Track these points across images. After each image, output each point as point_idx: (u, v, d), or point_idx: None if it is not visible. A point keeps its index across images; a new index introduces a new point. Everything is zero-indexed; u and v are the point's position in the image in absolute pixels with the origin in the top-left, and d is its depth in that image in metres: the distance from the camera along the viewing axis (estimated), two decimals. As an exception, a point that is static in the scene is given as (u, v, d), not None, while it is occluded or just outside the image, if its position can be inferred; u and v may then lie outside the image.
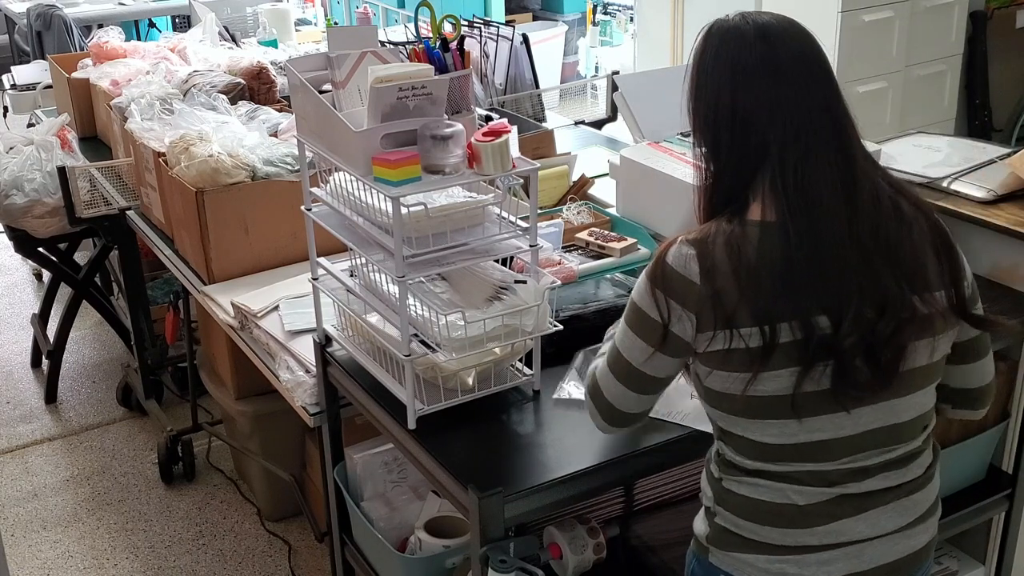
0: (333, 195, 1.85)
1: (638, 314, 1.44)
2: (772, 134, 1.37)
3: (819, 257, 1.34)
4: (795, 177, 1.36)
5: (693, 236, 1.40)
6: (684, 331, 1.40)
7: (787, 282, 1.34)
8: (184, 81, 3.33)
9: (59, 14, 5.82)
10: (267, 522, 3.16)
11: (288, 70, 1.88)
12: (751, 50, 1.40)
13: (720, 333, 1.36)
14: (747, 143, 1.39)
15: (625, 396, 1.51)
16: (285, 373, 2.19)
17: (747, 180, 1.40)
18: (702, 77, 1.44)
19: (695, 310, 1.37)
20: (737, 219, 1.39)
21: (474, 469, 1.64)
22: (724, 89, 1.40)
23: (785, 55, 1.40)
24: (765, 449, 1.41)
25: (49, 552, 3.10)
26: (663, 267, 1.40)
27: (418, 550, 2.02)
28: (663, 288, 1.40)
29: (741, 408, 1.40)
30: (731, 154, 1.41)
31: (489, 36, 3.62)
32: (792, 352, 1.34)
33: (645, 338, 1.44)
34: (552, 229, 2.23)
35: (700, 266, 1.37)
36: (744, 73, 1.39)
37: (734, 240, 1.37)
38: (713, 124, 1.42)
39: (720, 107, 1.40)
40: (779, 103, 1.38)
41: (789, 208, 1.35)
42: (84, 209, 3.24)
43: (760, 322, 1.34)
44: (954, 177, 2.34)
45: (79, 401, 3.91)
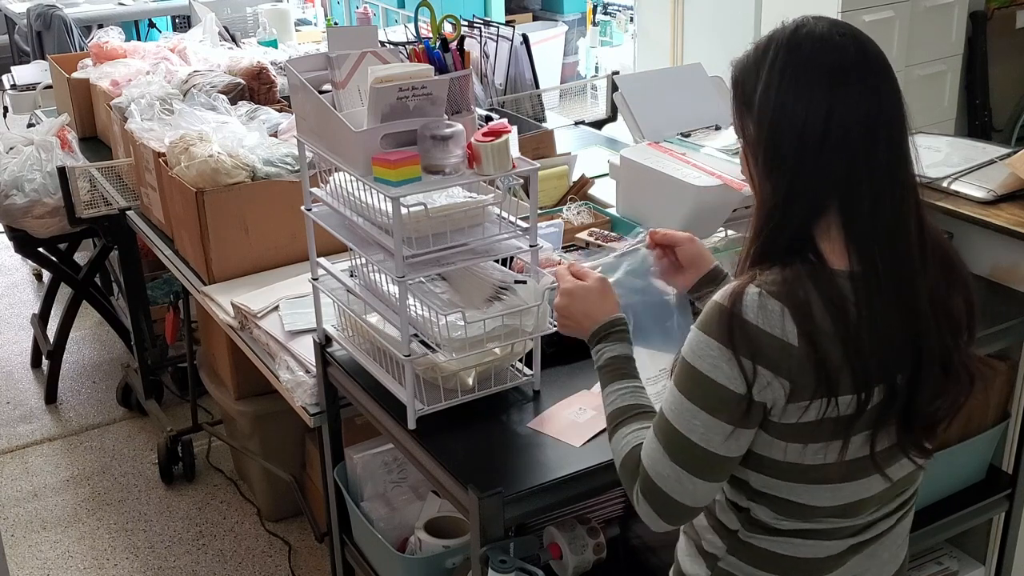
0: (333, 195, 1.85)
1: (709, 387, 1.21)
2: (868, 161, 1.19)
3: (906, 315, 1.22)
4: (885, 217, 1.20)
5: (772, 286, 1.19)
6: (768, 397, 1.20)
7: (882, 343, 1.20)
8: (184, 81, 3.33)
9: (59, 14, 5.82)
10: (267, 522, 3.16)
11: (288, 70, 1.88)
12: (851, 60, 1.21)
13: (817, 402, 1.20)
14: (835, 164, 1.20)
15: (701, 489, 1.26)
16: (285, 373, 2.19)
17: (819, 212, 1.22)
18: (785, 86, 1.21)
19: (789, 376, 1.18)
20: (818, 266, 1.22)
21: (474, 469, 1.64)
22: (817, 102, 1.19)
23: (878, 67, 1.22)
24: (808, 510, 1.31)
25: (49, 552, 3.10)
26: (742, 325, 1.18)
27: (418, 550, 2.02)
28: (748, 352, 1.18)
29: (805, 475, 1.26)
30: (812, 178, 1.21)
31: (489, 36, 3.62)
32: (870, 415, 1.23)
33: (722, 415, 1.21)
34: (552, 229, 2.23)
35: (798, 325, 1.17)
36: (845, 85, 1.19)
37: (829, 294, 1.19)
38: (797, 139, 1.20)
39: (809, 122, 1.19)
40: (878, 123, 1.20)
41: (880, 257, 1.20)
42: (84, 209, 3.24)
43: (859, 389, 1.20)
44: (954, 177, 2.34)
45: (79, 401, 3.91)
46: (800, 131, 1.20)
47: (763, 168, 1.24)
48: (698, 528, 1.44)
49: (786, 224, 1.23)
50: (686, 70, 2.69)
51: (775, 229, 1.23)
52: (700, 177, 2.09)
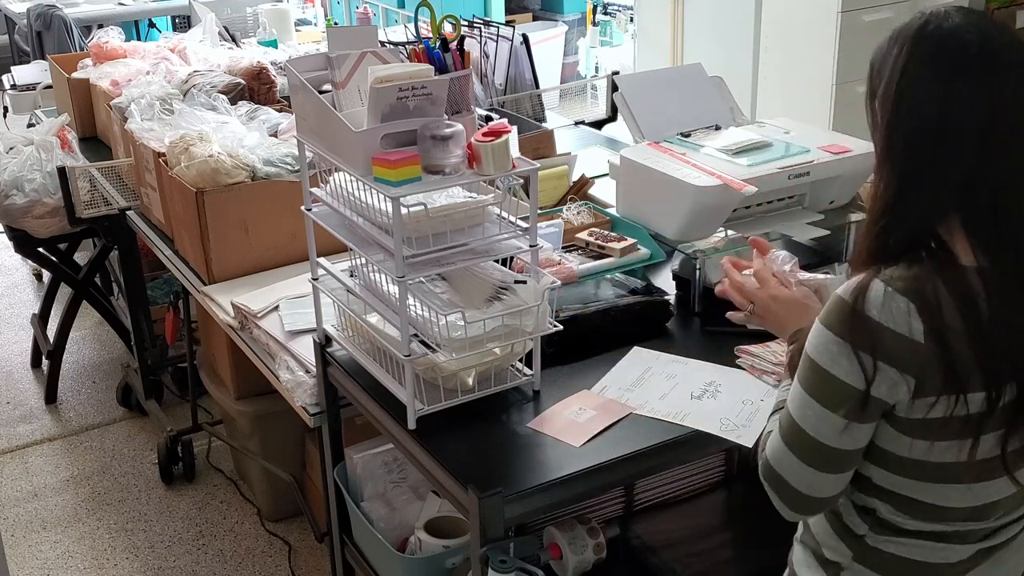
0: (333, 195, 1.85)
1: (826, 381, 1.21)
2: (985, 158, 1.18)
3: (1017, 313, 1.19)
4: (1014, 216, 1.19)
5: (901, 283, 1.18)
6: (891, 395, 1.20)
7: (1014, 341, 1.19)
8: (184, 81, 3.33)
9: (59, 14, 5.82)
10: (267, 522, 3.16)
11: (288, 70, 1.88)
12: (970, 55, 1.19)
13: (945, 399, 1.18)
14: (948, 163, 1.19)
15: (817, 479, 1.27)
16: (285, 373, 2.19)
17: (939, 209, 1.21)
18: (906, 81, 1.21)
19: (916, 373, 1.18)
20: (946, 261, 1.20)
21: (474, 469, 1.64)
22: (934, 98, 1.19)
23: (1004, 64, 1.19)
24: (937, 511, 1.28)
25: (49, 552, 3.10)
26: (865, 321, 1.18)
27: (418, 550, 2.02)
28: (869, 348, 1.18)
29: (923, 472, 1.25)
30: (935, 170, 1.20)
31: (489, 36, 3.62)
32: (1002, 414, 1.21)
33: (837, 408, 1.21)
34: (552, 229, 2.23)
35: (925, 322, 1.16)
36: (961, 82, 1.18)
37: (959, 291, 1.18)
38: (914, 136, 1.20)
39: (924, 117, 1.19)
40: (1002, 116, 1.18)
41: (1012, 254, 1.19)
42: (84, 209, 3.24)
43: (989, 386, 1.18)
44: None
45: (79, 401, 3.91)
46: (915, 125, 1.20)
47: (881, 157, 1.25)
48: (819, 536, 1.40)
49: (904, 216, 1.22)
50: (686, 70, 2.69)
51: (893, 220, 1.23)
52: (700, 177, 2.10)
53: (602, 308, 2.00)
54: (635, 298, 2.05)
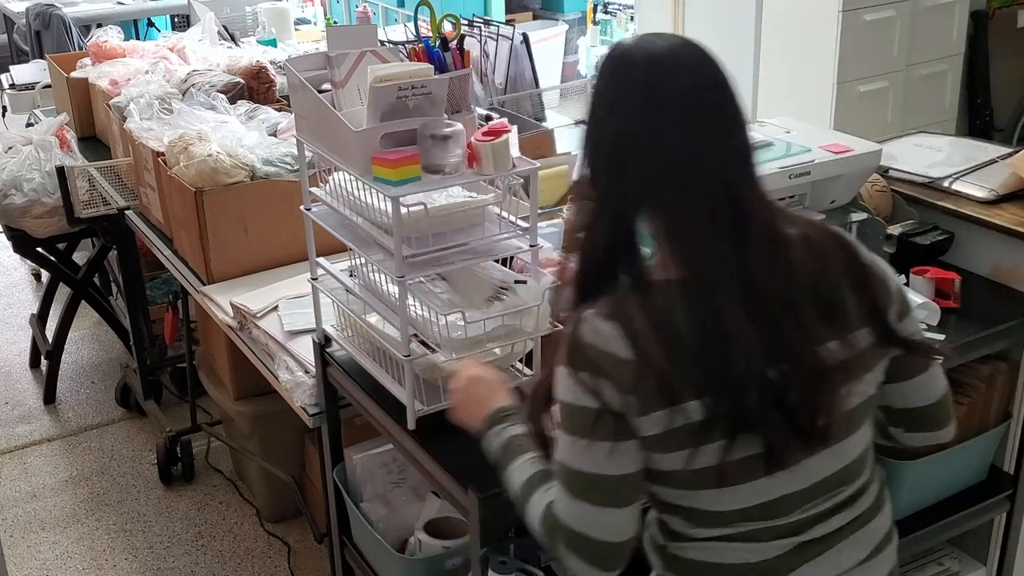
0: (333, 195, 1.84)
1: (573, 413, 1.25)
2: (649, 174, 1.24)
3: (719, 323, 1.22)
4: (678, 227, 1.24)
5: (604, 309, 1.24)
6: (626, 409, 1.23)
7: (710, 346, 1.22)
8: (183, 81, 3.33)
9: (58, 13, 5.82)
10: (266, 523, 3.16)
11: (287, 69, 1.87)
12: (637, 79, 1.24)
13: (663, 412, 1.22)
14: (625, 184, 1.25)
15: (620, 519, 1.27)
16: (284, 373, 2.19)
17: (628, 230, 1.26)
18: (594, 104, 1.29)
19: (633, 390, 1.22)
20: (641, 279, 1.27)
21: (474, 470, 1.63)
22: (608, 119, 1.27)
23: (671, 86, 1.24)
24: (714, 516, 1.32)
25: (48, 553, 3.10)
26: (582, 348, 1.24)
27: (418, 551, 2.01)
28: (589, 369, 1.23)
29: (686, 482, 1.28)
30: (609, 195, 1.27)
31: (489, 36, 3.62)
32: (725, 423, 1.23)
33: (592, 434, 1.24)
34: (552, 229, 2.22)
35: (629, 341, 1.21)
36: (625, 103, 1.25)
37: (649, 302, 1.23)
38: (594, 157, 1.28)
39: (603, 139, 1.27)
40: (653, 139, 1.23)
41: (686, 264, 1.24)
42: (83, 209, 3.23)
43: (701, 394, 1.22)
44: (955, 177, 2.33)
45: (78, 401, 3.91)
46: (597, 148, 1.28)
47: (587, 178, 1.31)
48: (645, 551, 1.43)
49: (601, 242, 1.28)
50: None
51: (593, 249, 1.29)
52: (701, 177, 2.08)
53: (602, 308, 1.99)
54: (636, 298, 2.04)
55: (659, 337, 1.21)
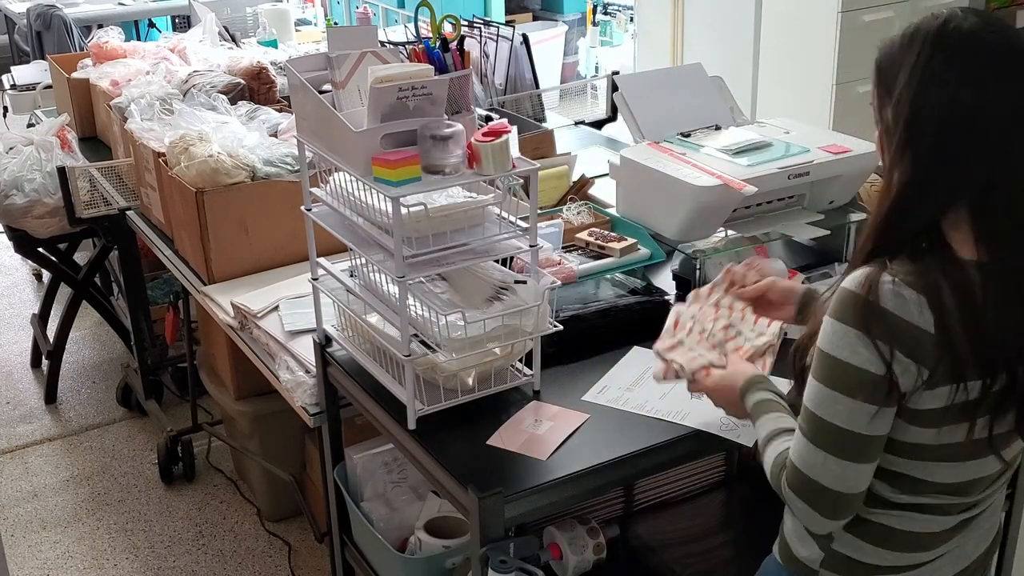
0: (333, 195, 1.85)
1: (849, 372, 1.25)
2: (1007, 158, 1.22)
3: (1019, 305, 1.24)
4: (1007, 209, 1.24)
5: (909, 277, 1.23)
6: (907, 384, 1.25)
7: (1008, 332, 1.24)
8: (184, 81, 3.33)
9: (59, 14, 5.82)
10: (267, 522, 3.16)
11: (288, 70, 1.88)
12: (996, 55, 1.22)
13: (948, 388, 1.24)
14: (971, 163, 1.23)
15: (854, 474, 1.30)
16: (285, 373, 2.19)
17: (951, 202, 1.25)
18: (930, 77, 1.24)
19: (928, 363, 1.23)
20: (948, 256, 1.25)
21: (474, 469, 1.64)
22: (960, 97, 1.22)
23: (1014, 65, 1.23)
24: (930, 486, 1.35)
25: (49, 552, 3.10)
26: (880, 312, 1.22)
27: (418, 550, 2.02)
28: (884, 336, 1.22)
29: (928, 454, 1.31)
30: (949, 169, 1.24)
31: (489, 36, 3.62)
32: (992, 400, 1.27)
33: (863, 396, 1.25)
34: (552, 229, 2.23)
35: (935, 314, 1.21)
36: (989, 82, 1.22)
37: (961, 283, 1.23)
38: (937, 134, 1.23)
39: (950, 116, 1.22)
40: (1021, 120, 1.22)
41: (1007, 248, 1.24)
42: (84, 209, 3.24)
43: (984, 374, 1.24)
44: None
45: (79, 401, 3.91)
46: (939, 124, 1.23)
47: (896, 155, 1.27)
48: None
49: (917, 212, 1.26)
50: (686, 70, 2.69)
51: (905, 216, 1.26)
52: (700, 177, 2.10)
53: (602, 308, 2.00)
54: (635, 298, 2.05)
55: (963, 318, 1.22)
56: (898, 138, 1.27)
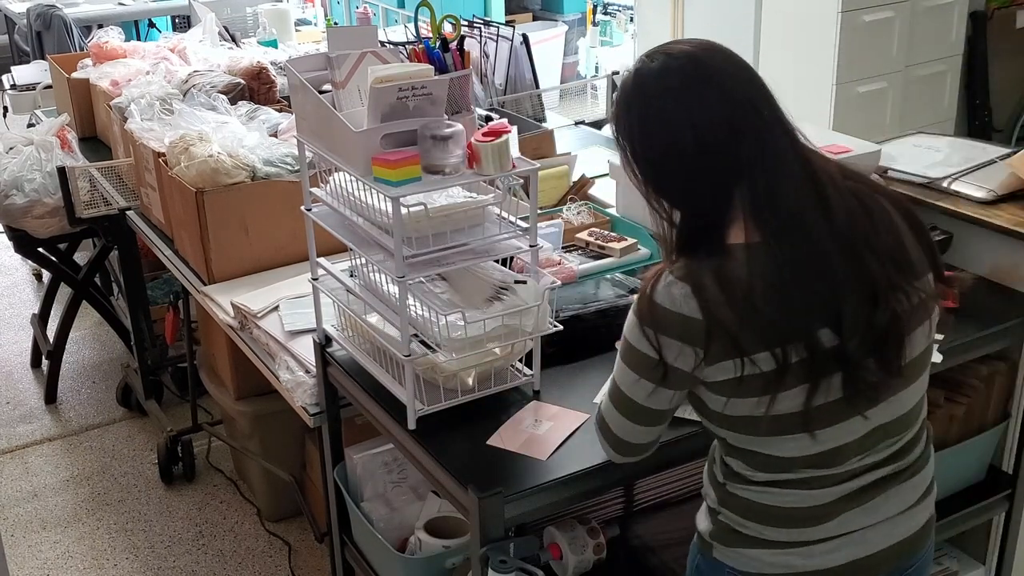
0: (333, 195, 1.85)
1: (633, 352, 1.41)
2: (739, 151, 1.34)
3: (808, 269, 1.33)
4: (769, 192, 1.34)
5: (681, 271, 1.36)
6: (686, 364, 1.36)
7: (784, 301, 1.32)
8: (184, 81, 3.33)
9: (59, 14, 5.82)
10: (267, 522, 3.16)
11: (288, 70, 1.88)
12: (690, 76, 1.35)
13: (731, 362, 1.33)
14: (718, 167, 1.35)
15: (631, 429, 1.49)
16: (285, 373, 2.19)
17: (726, 208, 1.36)
18: (648, 121, 1.38)
19: (702, 344, 1.34)
20: (719, 246, 1.36)
21: (474, 469, 1.64)
22: (678, 121, 1.35)
23: (720, 71, 1.36)
24: (778, 462, 1.41)
25: (49, 552, 3.10)
26: (652, 308, 1.36)
27: (418, 550, 2.02)
28: (654, 327, 1.36)
29: (760, 429, 1.38)
30: (704, 186, 1.37)
31: (489, 36, 3.63)
32: (800, 369, 1.33)
33: (644, 375, 1.41)
34: (552, 229, 2.23)
35: (698, 301, 1.33)
36: (694, 98, 1.34)
37: (723, 268, 1.34)
38: (677, 161, 1.36)
39: (679, 140, 1.35)
40: (735, 117, 1.34)
41: (768, 226, 1.33)
42: (84, 209, 3.24)
43: (770, 345, 1.32)
44: (954, 177, 2.34)
45: (79, 401, 3.91)
46: (676, 155, 1.36)
47: (658, 198, 1.42)
48: (704, 486, 1.55)
49: (695, 230, 1.39)
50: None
51: (680, 235, 1.40)
52: (700, 177, 2.09)
53: (602, 308, 2.00)
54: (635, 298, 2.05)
55: (729, 298, 1.32)
56: (649, 179, 1.41)
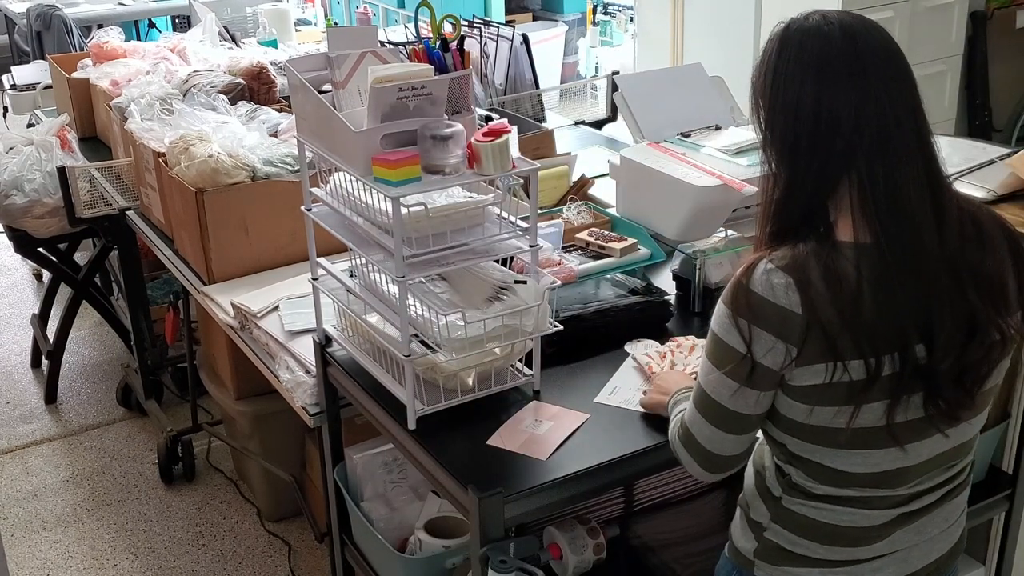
0: (333, 195, 1.85)
1: (719, 346, 1.34)
2: (859, 140, 1.29)
3: (915, 280, 1.28)
4: (887, 190, 1.28)
5: (783, 261, 1.29)
6: (775, 362, 1.30)
7: (888, 310, 1.27)
8: (184, 81, 3.33)
9: (59, 14, 5.82)
10: (267, 522, 3.16)
11: (288, 70, 1.88)
12: (837, 48, 1.30)
13: (824, 365, 1.28)
14: (832, 146, 1.30)
15: (719, 439, 1.40)
16: (285, 373, 2.19)
17: (828, 191, 1.32)
18: (780, 76, 1.32)
19: (797, 343, 1.28)
20: (827, 240, 1.31)
21: (474, 469, 1.64)
22: (808, 87, 1.30)
23: (871, 55, 1.30)
24: (845, 477, 1.38)
25: (49, 552, 3.10)
26: (748, 296, 1.30)
27: (418, 550, 2.02)
28: (749, 317, 1.29)
29: (832, 440, 1.34)
30: (812, 159, 1.31)
31: (489, 36, 3.63)
32: (887, 383, 1.29)
33: (729, 372, 1.34)
34: (552, 229, 2.23)
35: (801, 295, 1.27)
36: (831, 72, 1.29)
37: (832, 264, 1.28)
38: (793, 125, 1.31)
39: (802, 106, 1.30)
40: (866, 105, 1.29)
41: (884, 228, 1.28)
42: (84, 209, 3.24)
43: (865, 354, 1.27)
44: (954, 177, 2.34)
45: (79, 401, 3.91)
46: (793, 120, 1.32)
47: (769, 154, 1.36)
48: (748, 498, 1.51)
49: (792, 204, 1.34)
50: (686, 70, 2.69)
51: (782, 209, 1.35)
52: (700, 177, 2.10)
53: (602, 308, 2.00)
54: (635, 298, 2.05)
55: (835, 297, 1.27)
56: (766, 138, 1.36)
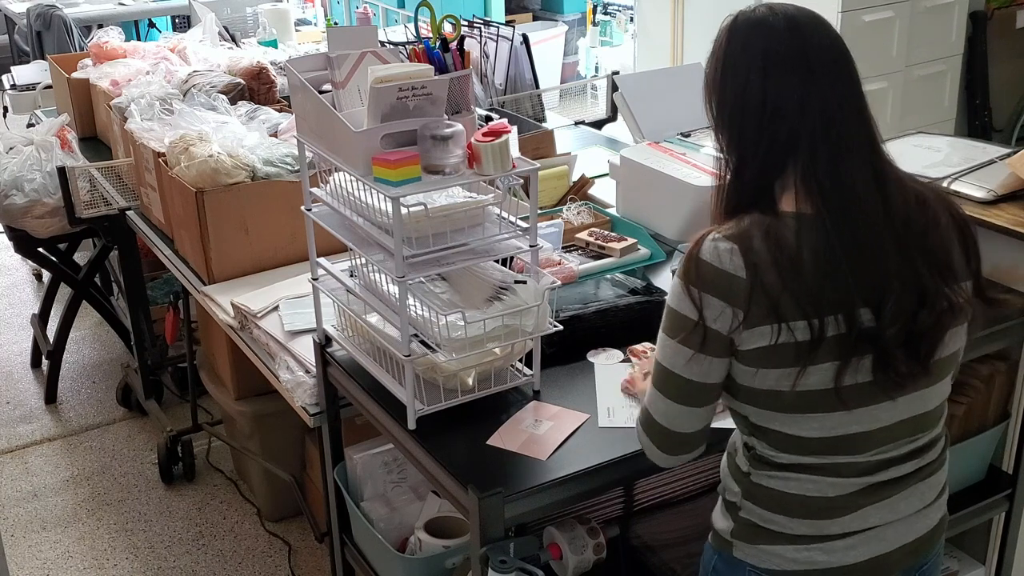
0: (333, 195, 1.85)
1: (672, 316, 1.40)
2: (803, 125, 1.36)
3: (859, 248, 1.34)
4: (829, 169, 1.36)
5: (728, 231, 1.37)
6: (724, 325, 1.35)
7: (829, 273, 1.33)
8: (184, 81, 3.33)
9: (59, 14, 5.82)
10: (267, 522, 3.16)
11: (288, 70, 1.88)
12: (781, 40, 1.38)
13: (769, 327, 1.33)
14: (777, 133, 1.37)
15: (675, 413, 1.44)
16: (285, 373, 2.19)
17: (775, 173, 1.39)
18: (728, 67, 1.41)
19: (743, 305, 1.34)
20: (770, 211, 1.38)
21: (474, 469, 1.64)
22: (754, 78, 1.38)
23: (815, 47, 1.38)
24: (802, 443, 1.41)
25: (49, 552, 3.10)
26: (698, 265, 1.36)
27: (418, 550, 2.02)
28: (699, 285, 1.36)
29: (785, 404, 1.38)
30: (759, 145, 1.39)
31: (489, 36, 3.63)
32: (834, 345, 1.34)
33: (683, 340, 1.39)
34: (552, 229, 2.23)
35: (744, 259, 1.33)
36: (775, 62, 1.37)
37: (773, 231, 1.35)
38: (740, 113, 1.39)
39: (748, 96, 1.38)
40: (810, 94, 1.36)
41: (824, 200, 1.35)
42: (84, 209, 3.24)
43: (807, 315, 1.33)
44: (954, 177, 2.34)
45: (79, 401, 3.91)
46: (740, 109, 1.40)
47: (720, 140, 1.45)
48: (723, 480, 1.54)
49: (741, 186, 1.42)
50: (686, 70, 2.69)
51: (732, 190, 1.43)
52: (700, 177, 2.10)
53: (602, 308, 2.00)
54: (635, 298, 2.05)
55: (775, 260, 1.33)
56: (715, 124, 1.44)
